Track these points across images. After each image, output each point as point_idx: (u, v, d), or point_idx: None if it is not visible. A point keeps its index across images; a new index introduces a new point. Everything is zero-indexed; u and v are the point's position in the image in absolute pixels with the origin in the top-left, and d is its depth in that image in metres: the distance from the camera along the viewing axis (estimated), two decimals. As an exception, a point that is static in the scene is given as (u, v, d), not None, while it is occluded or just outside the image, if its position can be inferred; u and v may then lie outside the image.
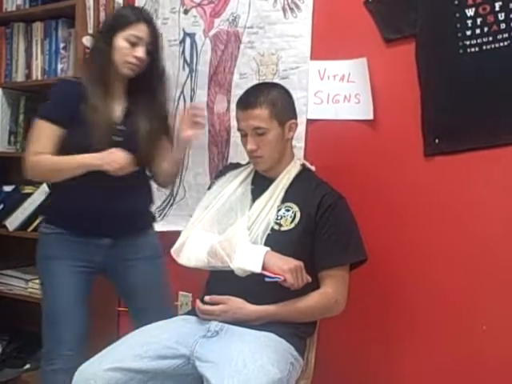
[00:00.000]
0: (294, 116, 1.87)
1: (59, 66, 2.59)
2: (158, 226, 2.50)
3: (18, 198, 2.62)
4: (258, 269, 1.63)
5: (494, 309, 1.88)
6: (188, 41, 2.46)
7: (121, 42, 1.87)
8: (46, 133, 1.88)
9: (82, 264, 1.93)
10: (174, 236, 1.92)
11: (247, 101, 1.80)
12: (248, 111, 1.77)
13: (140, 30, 1.88)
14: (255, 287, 1.65)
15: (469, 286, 1.92)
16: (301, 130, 2.08)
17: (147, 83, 1.95)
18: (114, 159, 1.83)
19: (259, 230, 1.74)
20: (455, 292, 1.94)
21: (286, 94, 1.86)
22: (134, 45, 1.87)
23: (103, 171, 1.83)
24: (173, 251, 1.85)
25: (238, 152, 2.29)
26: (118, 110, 1.94)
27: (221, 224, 1.80)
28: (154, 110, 1.96)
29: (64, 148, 1.88)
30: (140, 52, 1.88)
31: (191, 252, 1.79)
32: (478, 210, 1.91)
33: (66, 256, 1.93)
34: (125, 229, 1.96)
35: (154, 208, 2.50)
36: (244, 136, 1.82)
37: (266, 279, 1.61)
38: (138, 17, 1.90)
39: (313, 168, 1.93)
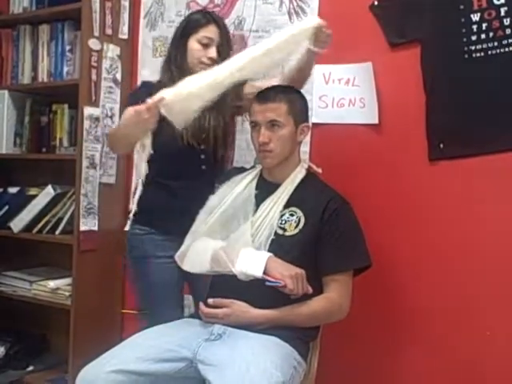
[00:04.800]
0: (307, 121, 1.88)
1: (65, 69, 2.59)
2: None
3: (23, 200, 2.62)
4: (259, 273, 1.63)
5: (497, 314, 1.88)
6: (193, 44, 2.46)
7: (194, 44, 1.97)
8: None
9: (173, 260, 1.92)
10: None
11: (267, 95, 1.80)
12: (267, 104, 1.77)
13: (211, 32, 1.97)
14: (259, 291, 1.64)
15: (473, 291, 1.92)
16: (305, 133, 2.08)
17: None
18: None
19: (263, 236, 1.74)
20: (459, 297, 1.94)
21: (303, 98, 1.87)
22: (206, 46, 1.97)
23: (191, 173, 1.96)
24: (176, 257, 1.86)
25: (242, 156, 2.29)
26: None
27: (224, 230, 1.80)
28: (226, 104, 1.96)
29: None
30: (212, 53, 1.96)
31: (194, 259, 1.80)
32: (482, 215, 1.91)
33: (158, 255, 1.99)
34: None
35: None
36: (256, 129, 1.80)
37: (267, 283, 1.61)
38: (208, 19, 1.99)
39: (319, 170, 1.92)
